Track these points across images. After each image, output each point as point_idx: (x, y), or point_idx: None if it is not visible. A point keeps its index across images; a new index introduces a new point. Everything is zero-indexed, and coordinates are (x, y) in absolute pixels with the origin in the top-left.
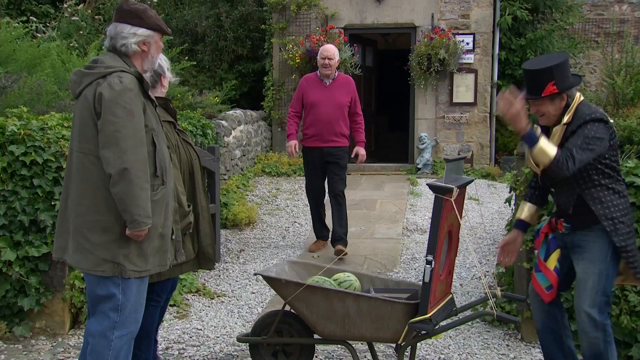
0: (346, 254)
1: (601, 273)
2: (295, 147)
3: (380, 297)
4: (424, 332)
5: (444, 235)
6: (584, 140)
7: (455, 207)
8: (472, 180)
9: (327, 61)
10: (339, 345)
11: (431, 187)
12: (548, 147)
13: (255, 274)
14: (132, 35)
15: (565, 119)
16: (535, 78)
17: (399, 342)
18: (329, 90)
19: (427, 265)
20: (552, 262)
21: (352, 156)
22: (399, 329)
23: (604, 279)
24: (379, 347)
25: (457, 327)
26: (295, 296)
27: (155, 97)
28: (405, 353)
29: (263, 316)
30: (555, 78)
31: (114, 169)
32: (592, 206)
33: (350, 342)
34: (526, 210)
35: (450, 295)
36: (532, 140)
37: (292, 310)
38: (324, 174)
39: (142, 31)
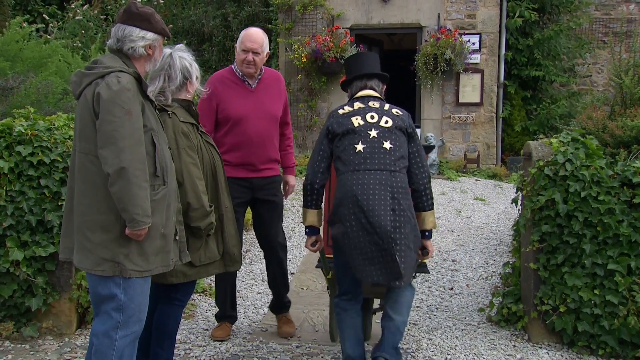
0: (292, 336)
1: (338, 264)
2: None
3: None
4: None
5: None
6: None
7: None
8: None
9: (251, 56)
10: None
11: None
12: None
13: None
14: (141, 39)
15: None
16: None
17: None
18: (256, 96)
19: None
20: None
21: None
22: None
23: (336, 267)
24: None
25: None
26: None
27: (178, 99)
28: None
29: None
30: (345, 69)
31: (111, 168)
32: None
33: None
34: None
35: None
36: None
37: None
38: (241, 216)
39: (150, 35)
